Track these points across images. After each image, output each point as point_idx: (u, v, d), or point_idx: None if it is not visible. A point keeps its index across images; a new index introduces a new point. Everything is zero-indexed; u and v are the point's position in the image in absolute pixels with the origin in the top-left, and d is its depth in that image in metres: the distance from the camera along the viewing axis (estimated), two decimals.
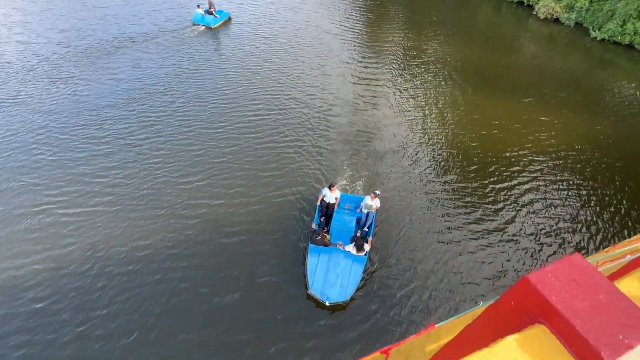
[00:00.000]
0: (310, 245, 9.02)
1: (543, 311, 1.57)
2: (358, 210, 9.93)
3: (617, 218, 11.47)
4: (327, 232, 9.61)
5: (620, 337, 1.40)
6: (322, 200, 9.80)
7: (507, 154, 13.68)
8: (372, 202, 9.25)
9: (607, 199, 12.10)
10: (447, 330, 3.85)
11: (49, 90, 15.34)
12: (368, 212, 9.57)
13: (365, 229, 9.72)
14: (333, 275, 8.43)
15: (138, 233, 9.98)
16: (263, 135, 13.60)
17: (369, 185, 11.69)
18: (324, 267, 8.58)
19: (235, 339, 7.89)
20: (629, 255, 3.87)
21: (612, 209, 11.71)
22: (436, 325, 3.64)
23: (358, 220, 9.99)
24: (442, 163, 13.04)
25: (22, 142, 12.99)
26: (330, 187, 9.43)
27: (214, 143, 13.05)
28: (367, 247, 8.96)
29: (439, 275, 9.23)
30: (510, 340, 1.64)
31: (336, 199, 9.73)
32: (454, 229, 10.56)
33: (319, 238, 8.96)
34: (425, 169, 12.54)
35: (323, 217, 9.99)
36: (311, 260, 8.70)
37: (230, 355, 7.60)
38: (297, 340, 7.84)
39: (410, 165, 12.72)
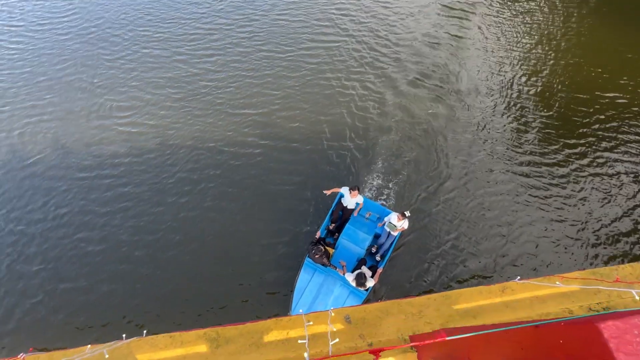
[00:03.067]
0: (307, 260, 7.43)
1: None
2: (380, 225, 7.96)
3: None
4: (334, 244, 7.87)
5: None
6: (340, 202, 8.12)
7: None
8: (398, 223, 7.43)
9: None
10: (466, 297, 3.68)
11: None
12: (389, 233, 7.73)
13: (378, 257, 7.82)
14: (321, 303, 7.00)
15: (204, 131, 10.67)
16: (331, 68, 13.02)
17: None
18: (314, 290, 7.18)
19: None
20: None
21: None
22: (455, 290, 3.47)
23: (377, 237, 8.06)
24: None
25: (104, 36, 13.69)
26: (351, 190, 7.71)
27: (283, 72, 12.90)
28: (370, 282, 6.90)
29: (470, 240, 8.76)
30: None
31: (358, 204, 8.01)
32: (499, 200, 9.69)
33: (317, 257, 7.21)
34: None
35: (333, 225, 8.12)
36: (303, 278, 7.31)
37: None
38: None
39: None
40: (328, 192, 8.10)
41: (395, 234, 7.68)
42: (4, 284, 8.04)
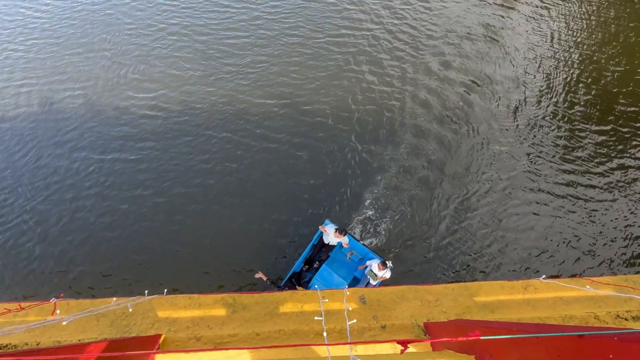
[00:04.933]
0: None
1: None
2: (361, 268, 7.15)
3: None
4: (307, 283, 7.18)
5: None
6: (321, 238, 7.30)
7: None
8: (379, 272, 6.78)
9: None
10: (487, 290, 3.59)
11: None
12: (369, 281, 6.96)
13: None
14: None
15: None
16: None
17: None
18: None
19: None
20: None
21: None
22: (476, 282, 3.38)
23: (356, 280, 7.18)
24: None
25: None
26: (337, 231, 6.83)
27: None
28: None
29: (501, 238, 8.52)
30: None
31: (340, 243, 7.20)
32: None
33: None
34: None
35: (306, 267, 7.38)
36: None
37: None
38: None
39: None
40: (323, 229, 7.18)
41: (374, 283, 6.89)
42: (53, 239, 8.57)
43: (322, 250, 7.46)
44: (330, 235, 6.97)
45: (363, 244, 7.57)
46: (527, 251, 8.19)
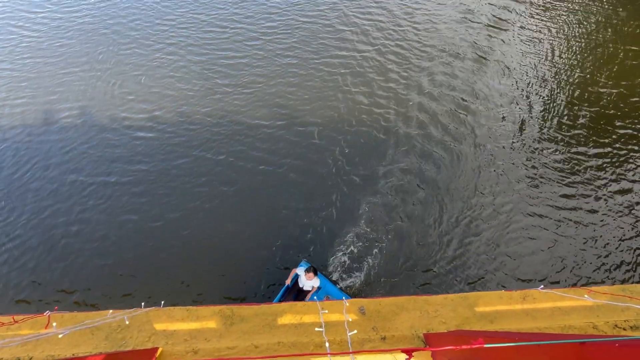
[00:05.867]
0: None
1: None
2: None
3: None
4: None
5: None
6: (296, 282, 7.19)
7: None
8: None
9: None
10: (485, 300, 3.59)
11: None
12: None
13: None
14: None
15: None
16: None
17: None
18: None
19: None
20: None
21: None
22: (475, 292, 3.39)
23: None
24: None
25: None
26: (306, 272, 6.76)
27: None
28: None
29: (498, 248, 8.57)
30: None
31: (313, 287, 7.02)
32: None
33: None
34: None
35: None
36: None
37: None
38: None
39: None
40: (288, 281, 7.14)
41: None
42: (30, 243, 8.42)
43: (296, 296, 7.18)
44: (303, 277, 6.79)
45: (339, 287, 7.42)
46: (526, 268, 8.21)
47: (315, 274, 6.72)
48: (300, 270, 6.94)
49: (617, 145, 10.28)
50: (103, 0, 15.37)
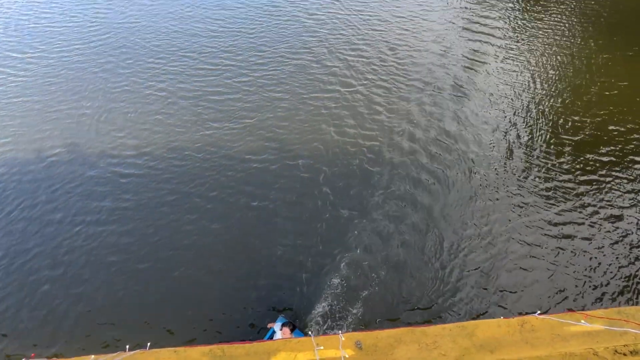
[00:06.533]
0: None
1: None
2: None
3: None
4: None
5: None
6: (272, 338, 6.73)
7: None
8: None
9: None
10: (483, 329, 3.52)
11: None
12: None
13: None
14: None
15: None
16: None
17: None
18: None
19: None
20: None
21: None
22: (473, 321, 3.32)
23: None
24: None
25: None
26: (282, 327, 6.22)
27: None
28: None
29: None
30: None
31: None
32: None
33: None
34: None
35: None
36: None
37: None
38: None
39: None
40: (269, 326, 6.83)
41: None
42: (11, 288, 8.07)
43: None
44: (279, 334, 6.26)
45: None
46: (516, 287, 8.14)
47: (293, 330, 6.19)
48: (277, 326, 6.46)
49: (603, 172, 10.57)
50: (94, 41, 15.73)
